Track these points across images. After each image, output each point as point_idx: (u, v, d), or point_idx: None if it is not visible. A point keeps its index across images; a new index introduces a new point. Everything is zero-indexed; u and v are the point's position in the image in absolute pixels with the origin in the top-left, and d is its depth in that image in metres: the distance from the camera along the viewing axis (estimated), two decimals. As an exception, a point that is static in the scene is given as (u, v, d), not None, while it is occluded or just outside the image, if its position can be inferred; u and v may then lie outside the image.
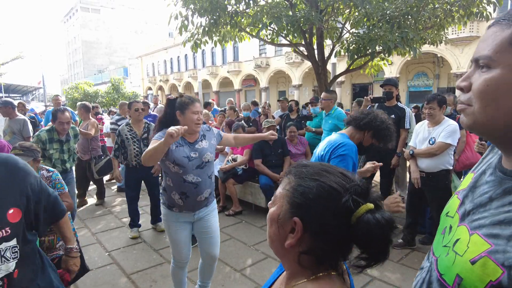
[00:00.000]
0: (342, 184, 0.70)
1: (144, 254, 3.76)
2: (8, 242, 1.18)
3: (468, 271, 0.62)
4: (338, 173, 0.74)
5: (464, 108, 0.67)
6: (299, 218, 0.70)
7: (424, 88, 21.14)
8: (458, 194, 0.80)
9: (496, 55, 0.60)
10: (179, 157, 2.27)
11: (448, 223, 0.77)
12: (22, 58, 29.79)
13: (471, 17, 6.10)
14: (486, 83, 0.61)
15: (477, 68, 0.64)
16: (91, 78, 52.56)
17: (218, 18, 6.32)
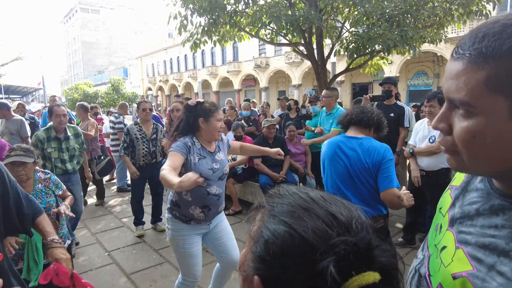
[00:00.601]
0: (324, 236, 0.46)
1: (144, 254, 3.75)
2: None
3: (449, 284, 0.61)
4: (326, 214, 0.48)
5: (451, 153, 0.60)
6: (258, 278, 0.49)
7: (424, 87, 21.14)
8: (451, 191, 0.77)
9: (475, 101, 0.51)
10: (205, 170, 2.13)
11: (440, 220, 0.76)
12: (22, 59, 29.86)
13: (471, 15, 6.10)
14: (471, 133, 0.53)
15: (453, 108, 0.56)
16: (91, 79, 52.57)
17: (217, 17, 6.31)
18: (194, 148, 2.15)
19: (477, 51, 0.50)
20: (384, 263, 0.45)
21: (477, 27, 0.53)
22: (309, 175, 4.98)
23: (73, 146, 3.84)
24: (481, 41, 0.50)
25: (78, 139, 3.92)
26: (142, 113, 4.15)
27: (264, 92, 28.40)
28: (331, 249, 0.44)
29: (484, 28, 0.51)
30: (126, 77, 47.06)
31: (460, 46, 0.54)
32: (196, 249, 2.25)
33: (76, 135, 3.92)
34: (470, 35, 0.53)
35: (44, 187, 2.53)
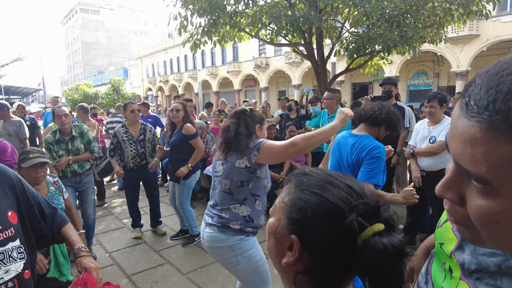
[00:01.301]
0: (347, 201, 0.61)
1: (144, 255, 3.75)
2: (13, 242, 1.22)
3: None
4: (345, 186, 0.64)
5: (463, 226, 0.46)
6: (297, 236, 0.61)
7: (424, 87, 21.13)
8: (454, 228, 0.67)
9: (500, 182, 0.38)
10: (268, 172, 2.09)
11: (446, 260, 0.69)
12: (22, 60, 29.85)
13: (471, 15, 6.10)
14: (493, 218, 0.40)
15: (465, 177, 0.42)
16: (91, 79, 52.61)
17: (217, 18, 6.32)
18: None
19: (502, 116, 0.35)
20: (386, 217, 0.61)
21: (494, 70, 0.39)
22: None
23: (77, 146, 3.67)
24: (507, 100, 0.35)
25: (83, 138, 3.74)
26: (130, 114, 4.04)
27: (264, 92, 28.40)
28: (353, 209, 0.59)
29: (508, 79, 0.36)
30: (126, 78, 47.07)
31: (473, 98, 0.38)
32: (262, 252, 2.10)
33: (81, 134, 3.75)
34: (486, 83, 0.38)
35: (55, 189, 2.58)
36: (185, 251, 3.80)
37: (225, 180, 2.00)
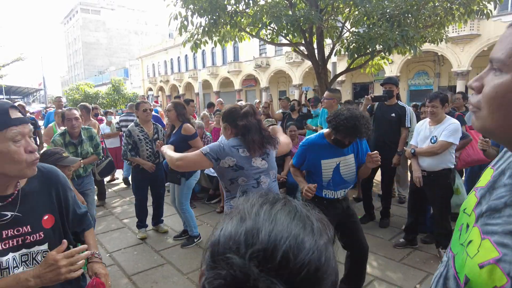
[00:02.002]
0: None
1: (145, 255, 3.75)
2: (40, 246, 1.21)
3: (476, 274, 0.63)
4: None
5: (475, 111, 0.65)
6: None
7: (424, 87, 21.11)
8: (476, 192, 0.78)
9: (510, 59, 0.57)
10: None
11: (465, 220, 0.77)
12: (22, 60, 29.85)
13: (472, 15, 6.08)
14: (495, 88, 0.59)
15: (491, 70, 0.62)
16: (91, 79, 52.64)
17: (217, 18, 6.31)
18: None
19: None
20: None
21: None
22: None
23: (86, 150, 3.69)
24: None
25: (92, 142, 3.79)
26: (143, 113, 4.07)
27: (264, 92, 28.38)
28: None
29: None
30: (127, 78, 47.09)
31: None
32: None
33: (90, 138, 3.78)
34: None
35: None
36: (185, 251, 3.80)
37: (272, 171, 2.21)
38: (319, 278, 0.44)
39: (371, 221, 4.42)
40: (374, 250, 3.66)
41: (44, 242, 1.22)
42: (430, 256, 3.45)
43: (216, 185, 5.20)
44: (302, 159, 2.57)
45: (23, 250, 1.17)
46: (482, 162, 3.76)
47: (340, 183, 2.53)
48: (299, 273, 0.42)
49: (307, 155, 2.53)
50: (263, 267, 0.41)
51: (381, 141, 4.16)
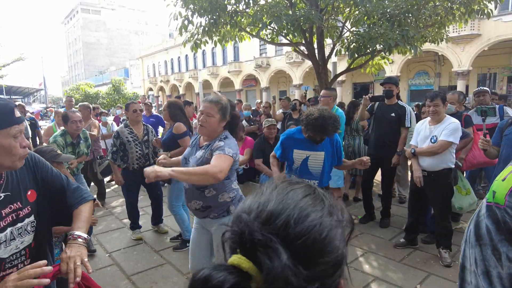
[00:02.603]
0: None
1: (144, 255, 3.74)
2: (29, 218, 1.36)
3: (499, 186, 1.02)
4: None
5: None
6: None
7: (425, 87, 21.09)
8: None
9: None
10: (182, 156, 2.37)
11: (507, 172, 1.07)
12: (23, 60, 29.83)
13: (472, 14, 6.07)
14: None
15: None
16: (92, 79, 52.64)
17: (218, 18, 6.30)
18: (192, 138, 2.45)
19: None
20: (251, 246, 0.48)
21: None
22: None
23: (82, 150, 3.90)
24: None
25: (87, 143, 3.99)
26: (133, 114, 3.96)
27: (265, 92, 28.37)
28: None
29: None
30: (127, 78, 47.09)
31: None
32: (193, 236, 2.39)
33: (86, 139, 3.99)
34: None
35: None
36: (185, 252, 3.79)
37: None
38: (317, 250, 0.48)
39: (371, 221, 4.41)
40: (374, 250, 3.66)
41: (31, 214, 1.37)
42: (431, 256, 3.45)
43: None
44: (282, 148, 2.92)
45: (18, 224, 1.31)
46: (488, 164, 3.74)
47: (306, 173, 2.87)
48: (296, 240, 0.47)
49: (285, 143, 2.90)
50: (264, 226, 0.48)
51: (381, 141, 4.15)
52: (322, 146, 2.83)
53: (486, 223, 1.04)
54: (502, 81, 18.62)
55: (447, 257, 3.25)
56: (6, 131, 1.16)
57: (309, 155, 2.83)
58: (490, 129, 3.69)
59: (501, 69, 18.39)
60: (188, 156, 2.29)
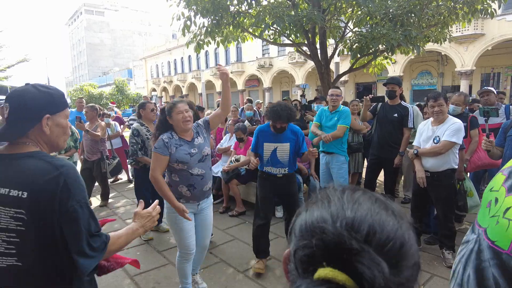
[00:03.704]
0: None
1: (147, 255, 3.75)
2: None
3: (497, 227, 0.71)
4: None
5: None
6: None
7: (428, 87, 21.02)
8: (503, 171, 0.84)
9: None
10: (181, 156, 2.51)
11: (493, 196, 0.83)
12: (27, 61, 30.03)
13: (476, 14, 6.05)
14: None
15: None
16: (95, 80, 52.93)
17: (220, 18, 6.32)
18: (172, 141, 2.52)
19: None
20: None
21: None
22: (312, 175, 4.96)
23: (68, 144, 4.11)
24: None
25: (73, 137, 4.17)
26: (150, 113, 4.11)
27: (267, 92, 28.38)
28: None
29: None
30: (131, 78, 47.32)
31: None
32: (186, 224, 2.58)
33: (72, 133, 4.19)
34: None
35: None
36: (188, 252, 3.80)
37: None
38: (404, 254, 0.46)
39: (374, 221, 4.39)
40: (377, 251, 3.64)
41: None
42: (434, 257, 3.43)
43: (218, 185, 5.20)
44: (256, 143, 3.26)
45: None
46: (493, 166, 3.72)
47: (277, 163, 3.23)
48: (385, 245, 0.45)
49: (259, 137, 3.24)
50: (351, 235, 0.44)
51: (384, 141, 4.14)
52: (287, 139, 3.19)
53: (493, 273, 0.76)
54: (506, 81, 18.51)
55: (451, 258, 3.24)
56: (64, 112, 1.29)
57: (277, 146, 3.19)
58: (496, 129, 3.66)
59: (505, 68, 18.28)
60: (188, 151, 2.55)
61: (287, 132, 3.20)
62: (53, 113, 1.24)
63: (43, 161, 1.18)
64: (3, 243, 1.15)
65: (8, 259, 1.16)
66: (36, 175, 1.14)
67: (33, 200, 1.12)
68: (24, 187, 1.13)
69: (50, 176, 1.14)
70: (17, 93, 1.21)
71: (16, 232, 1.14)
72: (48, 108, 1.23)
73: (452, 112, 3.72)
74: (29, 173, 1.15)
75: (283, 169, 3.26)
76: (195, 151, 2.55)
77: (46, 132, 1.23)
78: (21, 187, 1.13)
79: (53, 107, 1.25)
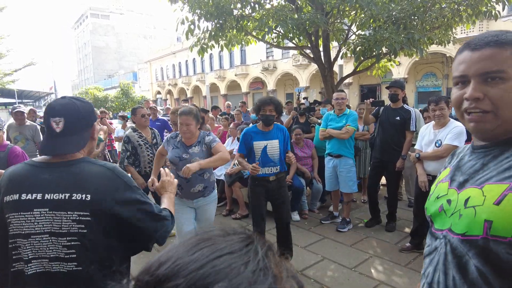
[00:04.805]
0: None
1: (150, 257, 3.76)
2: None
3: (496, 212, 0.71)
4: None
5: (481, 116, 0.78)
6: None
7: (432, 89, 20.90)
8: (442, 181, 0.93)
9: (508, 69, 0.74)
10: (172, 157, 2.84)
11: (443, 200, 0.88)
12: (34, 64, 30.42)
13: (480, 16, 6.02)
14: (508, 92, 0.75)
15: (486, 81, 0.77)
16: (101, 83, 53.32)
17: (224, 22, 6.36)
18: (172, 141, 2.90)
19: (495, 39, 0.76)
20: None
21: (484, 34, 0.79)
22: (315, 178, 4.97)
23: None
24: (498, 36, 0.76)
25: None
26: (141, 119, 4.01)
27: (271, 94, 28.40)
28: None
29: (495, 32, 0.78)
30: (136, 81, 47.61)
31: (477, 41, 0.79)
32: (181, 214, 2.83)
33: None
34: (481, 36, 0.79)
35: None
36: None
37: None
38: None
39: (377, 224, 4.40)
40: (380, 254, 3.64)
41: None
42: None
43: (221, 188, 5.22)
44: (244, 145, 3.33)
45: None
46: None
47: (268, 161, 3.29)
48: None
49: (246, 139, 3.32)
50: None
51: (386, 144, 4.13)
52: (275, 135, 3.33)
53: (475, 265, 0.74)
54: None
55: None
56: (96, 122, 1.38)
57: (267, 144, 3.30)
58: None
59: (511, 70, 18.14)
60: (179, 155, 2.81)
61: (274, 129, 3.35)
62: (96, 120, 1.38)
63: (96, 165, 1.28)
64: (64, 248, 1.18)
65: (68, 264, 1.19)
66: (96, 177, 1.23)
67: (96, 201, 1.19)
68: (87, 190, 1.19)
69: (107, 177, 1.24)
70: (67, 107, 1.27)
71: (78, 235, 1.18)
72: (94, 116, 1.36)
73: (454, 115, 3.72)
74: (88, 176, 1.22)
75: (275, 168, 3.33)
76: (186, 156, 2.78)
77: (95, 138, 1.37)
78: (83, 190, 1.19)
79: (95, 115, 1.39)
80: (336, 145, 4.21)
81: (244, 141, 3.35)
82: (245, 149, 3.34)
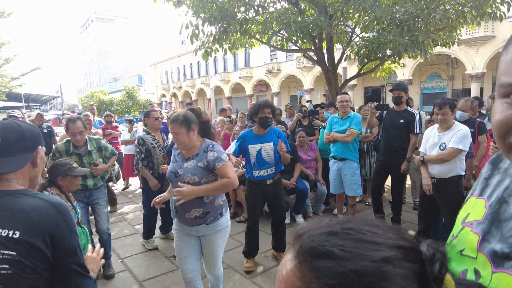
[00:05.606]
0: None
1: (156, 261, 3.80)
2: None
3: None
4: None
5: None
6: None
7: (438, 90, 20.79)
8: (473, 227, 0.66)
9: None
10: (168, 173, 2.38)
11: (470, 265, 0.64)
12: (40, 68, 30.84)
13: (484, 17, 5.99)
14: None
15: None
16: (106, 87, 53.75)
17: (228, 26, 6.39)
18: (174, 152, 2.46)
19: None
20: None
21: None
22: (319, 181, 4.96)
23: (96, 160, 3.37)
24: None
25: (102, 153, 3.43)
26: (155, 121, 4.11)
27: (276, 97, 28.43)
28: None
29: None
30: (141, 84, 47.91)
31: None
32: (178, 244, 2.42)
33: (99, 149, 3.42)
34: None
35: (76, 200, 2.67)
36: (195, 258, 3.83)
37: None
38: None
39: (382, 227, 4.37)
40: (385, 257, 3.62)
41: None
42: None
43: (226, 191, 5.23)
44: (238, 148, 3.41)
45: None
46: None
47: (263, 164, 3.36)
48: None
49: (241, 144, 3.39)
50: None
51: (390, 147, 4.12)
52: (270, 138, 3.36)
53: None
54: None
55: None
56: (41, 148, 1.27)
57: (261, 147, 3.34)
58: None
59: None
60: (175, 170, 2.32)
61: (269, 132, 3.39)
62: (41, 145, 1.27)
63: (37, 198, 1.16)
64: None
65: None
66: (32, 212, 1.11)
67: (25, 239, 1.07)
68: (17, 226, 1.08)
69: (47, 212, 1.12)
70: (7, 126, 1.18)
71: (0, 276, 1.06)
72: (38, 141, 1.26)
73: (459, 119, 3.70)
74: (22, 210, 1.11)
75: (270, 169, 3.40)
76: (180, 172, 2.28)
77: (37, 164, 1.24)
78: (13, 226, 1.08)
79: (41, 140, 1.28)
80: (340, 148, 4.22)
81: (240, 145, 3.43)
82: (238, 151, 3.43)
